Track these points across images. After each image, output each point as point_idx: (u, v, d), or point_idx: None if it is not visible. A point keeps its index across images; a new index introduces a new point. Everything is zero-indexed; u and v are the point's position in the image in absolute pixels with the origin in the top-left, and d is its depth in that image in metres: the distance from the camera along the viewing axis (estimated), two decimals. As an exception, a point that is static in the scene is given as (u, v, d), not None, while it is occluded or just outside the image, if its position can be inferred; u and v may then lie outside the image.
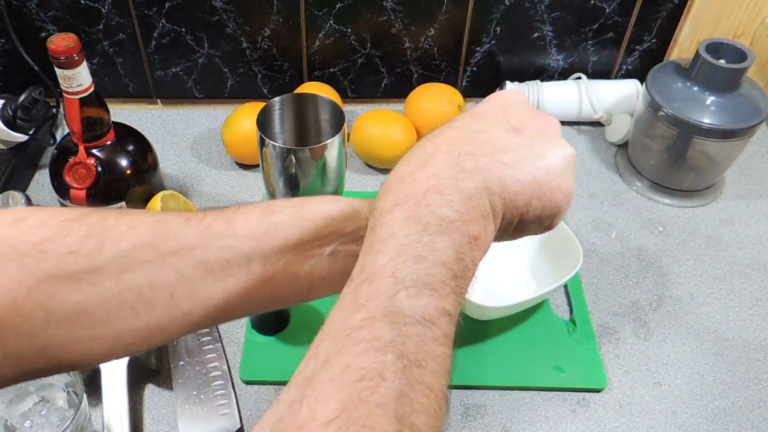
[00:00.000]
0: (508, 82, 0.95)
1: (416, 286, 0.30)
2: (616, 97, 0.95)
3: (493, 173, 0.34)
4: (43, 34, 0.89)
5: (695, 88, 0.81)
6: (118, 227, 0.37)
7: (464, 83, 0.99)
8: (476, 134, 0.36)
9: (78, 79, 0.65)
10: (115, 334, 0.37)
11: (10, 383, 0.36)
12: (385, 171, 0.91)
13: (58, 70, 0.64)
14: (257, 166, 0.89)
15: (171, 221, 0.39)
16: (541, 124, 0.38)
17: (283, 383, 0.71)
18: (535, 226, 0.37)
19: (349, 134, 0.89)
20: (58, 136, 0.89)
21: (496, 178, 0.34)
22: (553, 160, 0.36)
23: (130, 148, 0.74)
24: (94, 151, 0.71)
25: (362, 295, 0.31)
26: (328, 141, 0.67)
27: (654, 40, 0.95)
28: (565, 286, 0.76)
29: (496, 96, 0.41)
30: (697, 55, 0.80)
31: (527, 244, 0.73)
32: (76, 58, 0.64)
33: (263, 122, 0.71)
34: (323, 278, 0.42)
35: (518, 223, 0.36)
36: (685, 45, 0.95)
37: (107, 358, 0.38)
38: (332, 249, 0.41)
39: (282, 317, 0.70)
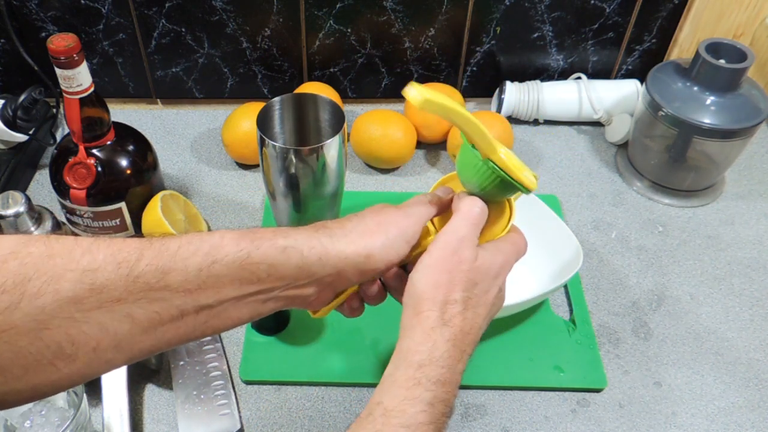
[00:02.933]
0: (507, 83, 0.95)
1: None
2: (616, 97, 0.95)
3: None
4: (43, 34, 0.89)
5: (695, 88, 0.81)
6: (37, 279, 0.34)
7: (464, 83, 0.99)
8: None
9: (78, 79, 0.65)
10: (31, 388, 0.36)
11: None
12: (385, 171, 0.91)
13: (58, 70, 0.64)
14: (257, 166, 0.89)
15: (98, 269, 0.36)
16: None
17: (283, 383, 0.71)
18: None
19: (349, 134, 0.89)
20: (58, 136, 0.89)
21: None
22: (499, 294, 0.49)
23: (130, 148, 0.74)
24: (94, 151, 0.71)
25: None
26: (328, 141, 0.67)
27: (654, 40, 0.95)
28: (565, 286, 0.76)
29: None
30: (697, 55, 0.80)
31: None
32: (76, 58, 0.64)
33: (263, 122, 0.71)
34: (259, 314, 0.44)
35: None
36: (685, 45, 0.95)
37: (24, 403, 0.38)
38: (273, 295, 0.43)
39: (282, 317, 0.70)
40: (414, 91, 0.40)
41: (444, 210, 0.50)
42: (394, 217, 0.46)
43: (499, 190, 0.47)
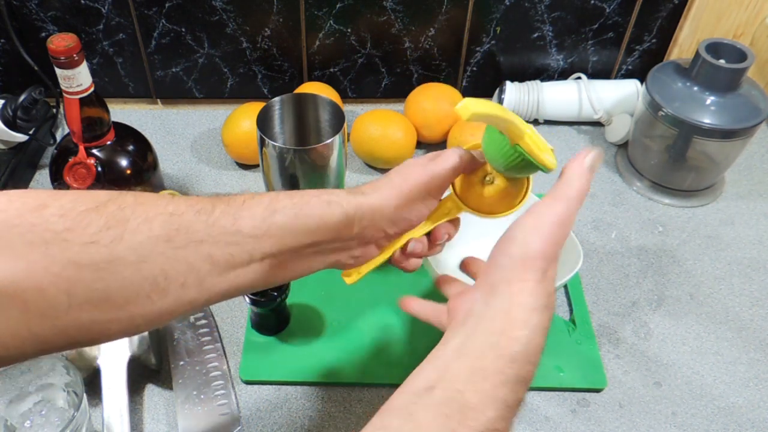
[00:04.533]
0: (508, 83, 0.95)
1: None
2: (616, 97, 0.95)
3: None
4: (43, 34, 0.89)
5: (695, 88, 0.81)
6: (134, 219, 0.39)
7: (464, 83, 0.99)
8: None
9: (78, 79, 0.65)
10: (130, 317, 0.39)
11: (28, 358, 0.39)
12: (385, 171, 0.91)
13: (58, 70, 0.64)
14: (257, 166, 0.89)
15: (183, 214, 0.41)
16: None
17: (283, 383, 0.71)
18: None
19: (349, 134, 0.89)
20: (58, 136, 0.89)
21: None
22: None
23: (130, 148, 0.74)
24: (94, 151, 0.71)
25: None
26: (328, 141, 0.67)
27: (654, 40, 0.95)
28: (565, 286, 0.76)
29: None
30: (697, 55, 0.80)
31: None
32: (76, 58, 0.64)
33: (263, 122, 0.71)
34: (312, 268, 0.48)
35: None
36: (685, 45, 0.95)
37: (120, 337, 0.41)
38: (324, 249, 0.47)
39: (282, 317, 0.70)
40: (460, 105, 0.41)
41: (470, 170, 0.51)
42: (416, 173, 0.49)
43: (522, 170, 0.49)
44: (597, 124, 0.97)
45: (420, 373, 0.40)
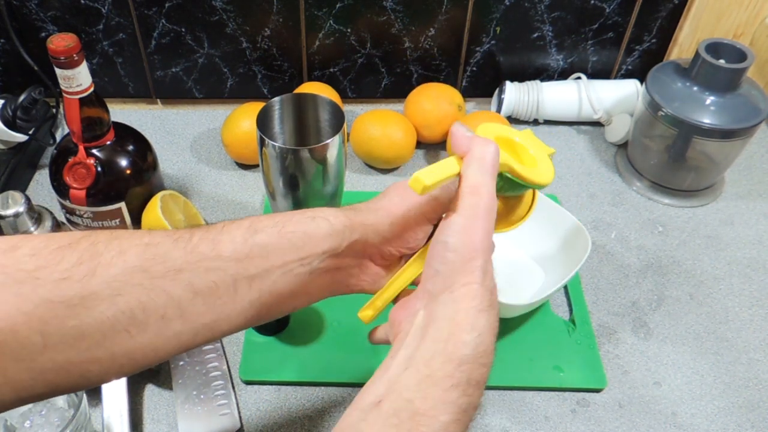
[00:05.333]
0: (507, 83, 0.95)
1: None
2: (616, 97, 0.95)
3: None
4: (43, 34, 0.89)
5: (695, 88, 0.81)
6: (108, 253, 0.38)
7: (464, 83, 0.99)
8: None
9: (78, 79, 0.65)
10: (110, 356, 0.38)
11: (8, 408, 0.37)
12: (385, 171, 0.91)
13: (58, 70, 0.64)
14: (257, 166, 0.89)
15: (159, 244, 0.40)
16: None
17: (283, 383, 0.71)
18: None
19: (349, 134, 0.89)
20: (58, 136, 0.89)
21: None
22: None
23: (130, 148, 0.74)
24: (94, 151, 0.71)
25: None
26: (328, 141, 0.67)
27: (654, 40, 0.95)
28: (566, 287, 0.76)
29: None
30: (697, 55, 0.80)
31: (531, 236, 0.74)
32: (76, 58, 0.64)
33: (263, 122, 0.71)
34: (306, 293, 0.45)
35: None
36: (685, 45, 0.95)
37: (103, 381, 0.40)
38: (313, 267, 0.44)
39: (282, 317, 0.70)
40: (411, 180, 0.40)
41: None
42: (415, 196, 0.46)
43: (517, 190, 0.47)
44: (597, 124, 0.97)
45: (369, 388, 0.39)
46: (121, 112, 0.97)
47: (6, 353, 0.35)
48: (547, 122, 0.98)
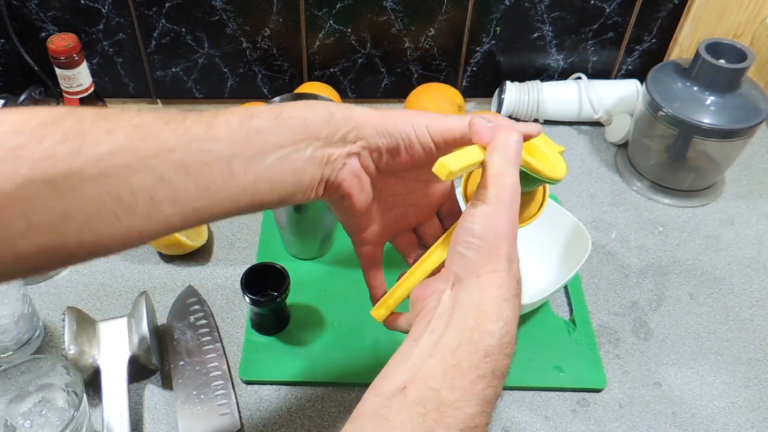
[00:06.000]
0: (508, 83, 0.95)
1: None
2: (616, 97, 0.95)
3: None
4: (43, 34, 0.89)
5: (695, 88, 0.81)
6: (94, 132, 0.36)
7: (464, 83, 0.99)
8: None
9: (78, 79, 0.65)
10: (95, 239, 0.36)
11: None
12: (385, 171, 0.91)
13: (58, 70, 0.64)
14: (257, 166, 0.89)
15: (149, 125, 0.38)
16: None
17: (283, 383, 0.71)
18: None
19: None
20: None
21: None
22: None
23: (130, 148, 0.74)
24: (94, 151, 0.71)
25: None
26: (328, 141, 0.67)
27: (654, 40, 0.95)
28: (566, 287, 0.76)
29: None
30: (697, 55, 0.80)
31: (531, 237, 0.74)
32: (76, 58, 0.64)
33: (263, 122, 0.71)
34: (300, 185, 0.43)
35: None
36: (685, 45, 0.95)
37: (86, 261, 0.38)
38: (309, 153, 0.42)
39: (282, 317, 0.70)
40: (436, 166, 0.40)
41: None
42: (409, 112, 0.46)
43: (530, 185, 0.47)
44: (597, 124, 0.97)
45: (390, 373, 0.38)
46: (121, 112, 0.97)
47: None
48: (548, 122, 0.98)
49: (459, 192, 0.51)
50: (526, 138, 0.44)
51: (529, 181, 0.46)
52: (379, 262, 0.51)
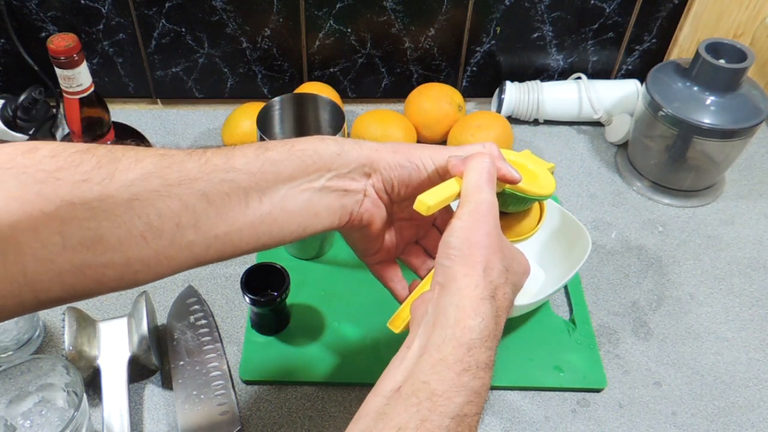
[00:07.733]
0: (507, 82, 0.95)
1: None
2: (616, 97, 0.95)
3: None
4: (43, 34, 0.89)
5: (695, 88, 0.81)
6: (125, 159, 0.39)
7: (464, 83, 0.99)
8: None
9: (78, 79, 0.65)
10: (125, 261, 0.39)
11: (28, 311, 0.38)
12: (385, 171, 0.91)
13: (58, 70, 0.64)
14: (257, 166, 0.89)
15: (174, 155, 0.41)
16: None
17: (283, 383, 0.71)
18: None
19: (349, 134, 0.89)
20: (58, 136, 0.89)
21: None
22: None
23: (130, 148, 0.74)
24: (94, 151, 0.71)
25: None
26: (328, 141, 0.67)
27: (654, 40, 0.95)
28: (566, 287, 0.76)
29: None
30: (697, 55, 0.80)
31: (531, 237, 0.74)
32: (76, 58, 0.64)
33: (263, 122, 0.71)
34: (315, 214, 0.47)
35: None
36: (685, 45, 0.95)
37: (118, 287, 0.40)
38: (321, 185, 0.46)
39: (282, 317, 0.70)
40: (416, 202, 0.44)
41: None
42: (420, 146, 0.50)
43: (522, 204, 0.49)
44: (597, 124, 0.97)
45: (387, 376, 0.41)
46: (121, 112, 0.97)
47: (27, 252, 0.36)
48: (548, 122, 0.98)
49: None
50: (503, 180, 0.47)
51: (518, 200, 0.48)
52: (394, 268, 0.54)
